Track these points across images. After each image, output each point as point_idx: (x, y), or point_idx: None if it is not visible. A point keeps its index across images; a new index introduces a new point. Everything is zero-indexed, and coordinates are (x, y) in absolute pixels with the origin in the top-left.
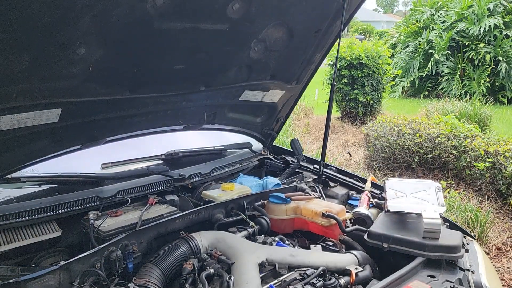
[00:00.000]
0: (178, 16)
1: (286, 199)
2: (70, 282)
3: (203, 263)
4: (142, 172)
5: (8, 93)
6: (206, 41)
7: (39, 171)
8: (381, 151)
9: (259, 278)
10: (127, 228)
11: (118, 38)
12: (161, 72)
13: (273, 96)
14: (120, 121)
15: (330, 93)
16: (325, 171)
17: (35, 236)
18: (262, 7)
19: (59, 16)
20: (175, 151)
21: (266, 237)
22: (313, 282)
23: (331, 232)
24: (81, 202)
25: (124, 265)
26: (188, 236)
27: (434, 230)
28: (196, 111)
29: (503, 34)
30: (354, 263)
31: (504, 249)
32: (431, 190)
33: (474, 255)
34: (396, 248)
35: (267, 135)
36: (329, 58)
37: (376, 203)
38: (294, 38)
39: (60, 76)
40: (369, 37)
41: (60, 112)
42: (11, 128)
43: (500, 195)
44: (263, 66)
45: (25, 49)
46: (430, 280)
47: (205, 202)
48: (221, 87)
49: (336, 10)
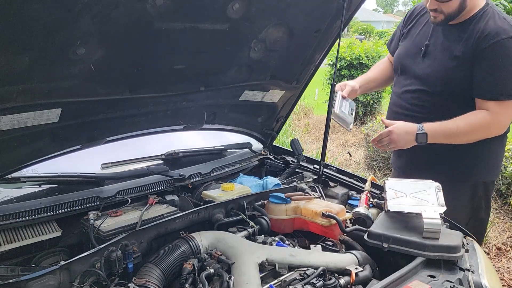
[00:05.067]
0: (178, 16)
1: (286, 199)
2: (70, 282)
3: (203, 263)
4: (142, 172)
5: (8, 93)
6: (206, 41)
7: (39, 171)
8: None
9: (259, 278)
10: (127, 228)
11: (118, 38)
12: (161, 72)
13: (273, 96)
14: (120, 121)
15: (330, 93)
16: (325, 171)
17: (35, 236)
18: (262, 7)
19: (59, 16)
20: (175, 151)
21: (266, 237)
22: (313, 282)
23: (331, 232)
24: (81, 202)
25: (124, 265)
26: (188, 236)
27: (434, 230)
28: (196, 111)
29: None
30: (354, 263)
31: (504, 249)
32: (431, 190)
33: (474, 255)
34: (396, 248)
35: (267, 135)
36: (329, 58)
37: (376, 203)
38: (294, 38)
39: (60, 76)
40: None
41: (60, 112)
42: (11, 128)
43: (500, 195)
44: (263, 66)
45: (25, 49)
46: (430, 280)
47: (205, 202)
48: (221, 87)
49: (336, 10)
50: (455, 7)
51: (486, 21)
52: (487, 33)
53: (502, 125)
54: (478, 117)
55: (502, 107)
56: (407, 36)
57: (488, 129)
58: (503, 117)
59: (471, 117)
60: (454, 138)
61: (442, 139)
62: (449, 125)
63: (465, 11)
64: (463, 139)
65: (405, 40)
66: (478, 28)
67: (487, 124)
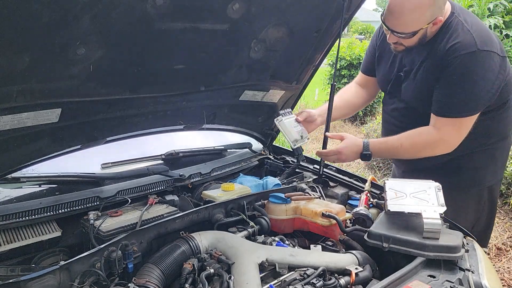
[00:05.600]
0: (178, 16)
1: (286, 199)
2: (70, 282)
3: (203, 263)
4: (142, 172)
5: (8, 93)
6: (206, 41)
7: (39, 171)
8: None
9: (259, 278)
10: (127, 228)
11: (118, 38)
12: (161, 72)
13: (273, 96)
14: (120, 121)
15: (330, 93)
16: (325, 171)
17: (35, 236)
18: (262, 7)
19: (59, 16)
20: (175, 151)
21: (266, 237)
22: (313, 282)
23: (331, 232)
24: (81, 202)
25: (124, 265)
26: (188, 236)
27: (434, 230)
28: (196, 111)
29: (503, 34)
30: (354, 263)
31: (504, 249)
32: (431, 190)
33: (474, 255)
34: (396, 248)
35: (267, 135)
36: (329, 58)
37: (376, 203)
38: (294, 38)
39: (60, 76)
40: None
41: (60, 112)
42: (11, 128)
43: (500, 195)
44: (263, 66)
45: (25, 49)
46: (430, 280)
47: (205, 202)
48: (221, 87)
49: (336, 10)
50: (415, 41)
51: (449, 36)
52: (447, 49)
53: (449, 143)
54: (424, 135)
55: (449, 124)
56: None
57: (432, 148)
58: (449, 135)
59: (416, 135)
60: (398, 156)
61: (388, 156)
62: (394, 144)
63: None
64: (407, 156)
65: (381, 63)
66: (440, 45)
67: (432, 143)
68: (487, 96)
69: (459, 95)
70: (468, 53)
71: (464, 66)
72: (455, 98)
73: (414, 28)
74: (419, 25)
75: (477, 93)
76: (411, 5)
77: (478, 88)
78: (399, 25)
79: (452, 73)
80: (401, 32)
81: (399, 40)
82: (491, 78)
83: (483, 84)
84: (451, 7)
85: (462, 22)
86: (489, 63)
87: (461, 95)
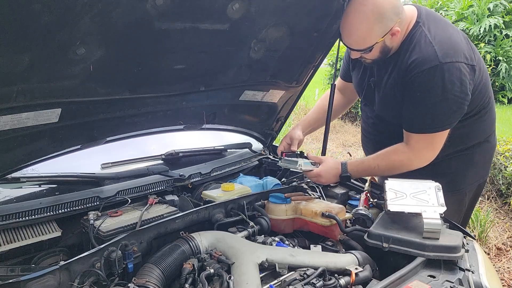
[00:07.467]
0: (178, 16)
1: (286, 199)
2: (70, 282)
3: (203, 263)
4: (142, 172)
5: (8, 93)
6: (206, 41)
7: (39, 171)
8: None
9: (259, 278)
10: (127, 228)
11: (118, 38)
12: (161, 72)
13: (273, 96)
14: (120, 121)
15: (330, 93)
16: None
17: (35, 236)
18: (262, 7)
19: (59, 16)
20: (175, 151)
21: (266, 237)
22: (313, 282)
23: (331, 232)
24: (81, 202)
25: (124, 265)
26: (188, 236)
27: (434, 230)
28: (196, 111)
29: (503, 34)
30: (354, 263)
31: (504, 249)
32: (431, 190)
33: (474, 255)
34: (396, 248)
35: (267, 135)
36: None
37: (376, 203)
38: (294, 38)
39: (60, 76)
40: None
41: (60, 112)
42: (11, 128)
43: (500, 195)
44: (263, 66)
45: (25, 49)
46: (430, 280)
47: (205, 202)
48: (221, 87)
49: (336, 10)
50: (377, 55)
51: (412, 49)
52: (409, 64)
53: (424, 159)
54: (398, 154)
55: (420, 140)
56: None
57: (408, 166)
58: (423, 152)
59: (391, 154)
60: (378, 174)
61: (367, 176)
62: (371, 164)
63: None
64: (386, 174)
65: (355, 70)
66: (403, 59)
67: (407, 161)
68: (457, 108)
69: (425, 111)
70: (431, 68)
71: (427, 82)
72: (421, 115)
73: (367, 44)
74: (372, 40)
75: (444, 108)
76: (357, 22)
77: (444, 103)
78: (352, 43)
79: (416, 90)
80: (357, 49)
81: (361, 55)
82: (457, 90)
83: (450, 98)
84: (417, 15)
85: (426, 33)
86: (455, 75)
87: (427, 111)
